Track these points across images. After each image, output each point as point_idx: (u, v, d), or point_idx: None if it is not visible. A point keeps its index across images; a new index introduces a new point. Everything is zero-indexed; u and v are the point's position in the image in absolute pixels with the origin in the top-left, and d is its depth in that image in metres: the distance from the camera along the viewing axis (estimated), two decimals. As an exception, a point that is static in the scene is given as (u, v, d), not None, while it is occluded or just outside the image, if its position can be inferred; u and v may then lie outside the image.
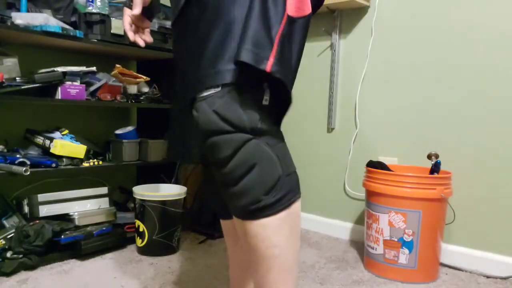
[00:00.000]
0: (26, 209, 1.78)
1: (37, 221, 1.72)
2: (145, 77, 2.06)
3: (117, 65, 1.95)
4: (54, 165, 1.75)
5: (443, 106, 1.87)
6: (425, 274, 1.64)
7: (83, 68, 1.85)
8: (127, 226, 2.01)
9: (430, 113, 1.90)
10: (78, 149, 1.83)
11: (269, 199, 0.77)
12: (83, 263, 1.73)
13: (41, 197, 1.77)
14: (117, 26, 1.89)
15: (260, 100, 0.81)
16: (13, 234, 1.65)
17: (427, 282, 1.65)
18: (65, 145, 1.79)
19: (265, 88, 0.81)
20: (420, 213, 1.59)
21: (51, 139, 1.78)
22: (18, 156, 1.69)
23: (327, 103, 2.24)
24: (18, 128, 2.00)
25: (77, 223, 1.80)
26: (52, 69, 1.75)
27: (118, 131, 2.06)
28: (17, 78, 1.72)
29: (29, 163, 1.68)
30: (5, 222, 1.74)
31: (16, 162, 1.66)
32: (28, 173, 1.60)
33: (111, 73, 1.98)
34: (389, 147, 2.03)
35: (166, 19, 2.20)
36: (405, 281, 1.64)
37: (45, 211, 1.77)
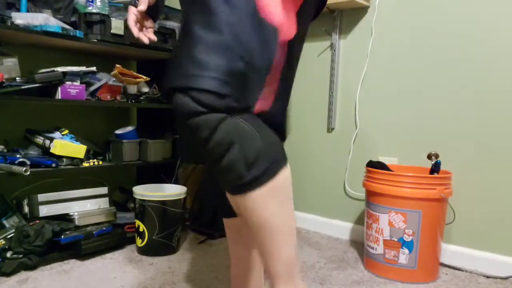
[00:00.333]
0: (26, 209, 1.78)
1: (37, 221, 1.72)
2: (145, 77, 2.06)
3: (117, 65, 1.95)
4: (54, 165, 1.75)
5: (443, 106, 1.87)
6: (425, 274, 1.64)
7: (83, 68, 1.85)
8: (127, 226, 2.01)
9: (430, 113, 1.90)
10: (78, 149, 1.83)
11: (253, 173, 0.79)
12: (83, 263, 1.73)
13: (41, 197, 1.77)
14: (117, 26, 1.89)
15: None
16: (13, 234, 1.65)
17: (427, 282, 1.65)
18: (65, 145, 1.79)
19: None
20: (420, 213, 1.59)
21: (51, 139, 1.78)
22: (18, 156, 1.70)
23: (327, 103, 2.24)
24: (18, 128, 2.00)
25: (77, 223, 1.80)
26: (52, 69, 1.75)
27: (118, 131, 2.07)
28: (17, 78, 1.73)
29: (29, 163, 1.69)
30: (5, 222, 1.74)
31: (16, 162, 1.66)
32: (28, 173, 1.60)
33: (111, 73, 1.98)
34: (389, 147, 2.03)
35: (166, 19, 2.20)
36: (405, 281, 1.64)
37: (45, 211, 1.77)
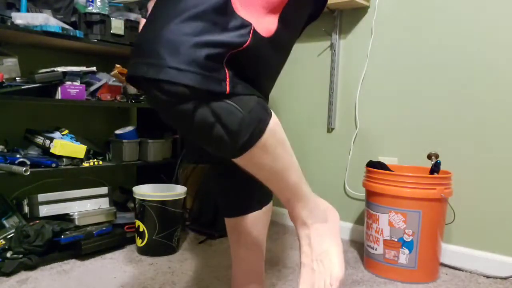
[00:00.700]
0: (26, 209, 1.78)
1: (37, 221, 1.72)
2: (145, 77, 2.05)
3: (117, 65, 1.95)
4: (54, 165, 1.75)
5: (443, 106, 1.87)
6: (425, 274, 1.64)
7: (83, 68, 1.85)
8: (127, 226, 2.01)
9: (430, 113, 1.90)
10: (78, 149, 1.83)
11: (242, 139, 0.79)
12: (83, 263, 1.73)
13: (41, 197, 1.77)
14: (117, 26, 1.89)
15: None
16: (13, 234, 1.65)
17: (427, 282, 1.65)
18: (65, 145, 1.79)
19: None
20: (420, 213, 1.59)
21: (51, 139, 1.78)
22: (18, 156, 1.69)
23: (327, 103, 2.24)
24: (18, 128, 2.00)
25: (77, 223, 1.80)
26: (52, 69, 1.75)
27: (118, 131, 2.06)
28: (17, 78, 1.73)
29: (29, 163, 1.68)
30: (5, 222, 1.74)
31: (16, 162, 1.66)
32: (28, 173, 1.60)
33: (111, 73, 1.98)
34: (389, 147, 2.03)
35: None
36: (405, 281, 1.64)
37: (45, 211, 1.77)
